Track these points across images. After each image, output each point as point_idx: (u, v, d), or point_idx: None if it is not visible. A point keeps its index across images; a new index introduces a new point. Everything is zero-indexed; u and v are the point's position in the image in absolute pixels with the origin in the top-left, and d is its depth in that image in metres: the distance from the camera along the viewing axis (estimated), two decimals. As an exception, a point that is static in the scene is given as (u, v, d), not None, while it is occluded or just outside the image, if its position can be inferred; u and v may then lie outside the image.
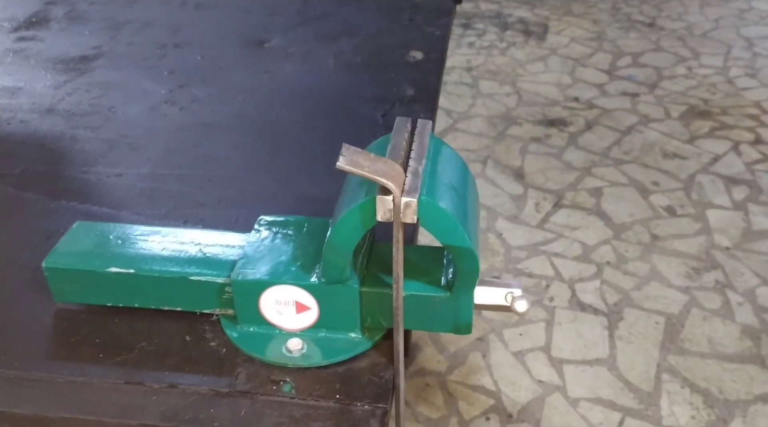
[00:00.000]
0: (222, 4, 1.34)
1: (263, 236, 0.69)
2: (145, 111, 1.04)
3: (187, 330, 0.69)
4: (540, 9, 3.47)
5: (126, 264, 0.68)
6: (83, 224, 0.73)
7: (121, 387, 0.64)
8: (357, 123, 1.01)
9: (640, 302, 1.78)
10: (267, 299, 0.66)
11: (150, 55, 1.18)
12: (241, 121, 1.02)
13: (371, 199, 0.58)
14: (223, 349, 0.67)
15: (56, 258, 0.69)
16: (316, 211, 0.83)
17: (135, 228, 0.73)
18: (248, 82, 1.11)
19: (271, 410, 0.62)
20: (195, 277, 0.67)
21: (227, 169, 0.92)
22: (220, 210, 0.85)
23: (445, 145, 0.67)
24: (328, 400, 0.62)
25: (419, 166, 0.60)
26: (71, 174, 0.91)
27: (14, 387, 0.64)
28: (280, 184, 0.89)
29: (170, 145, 0.97)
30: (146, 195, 0.88)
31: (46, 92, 1.09)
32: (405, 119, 0.66)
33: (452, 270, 0.67)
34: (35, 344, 0.68)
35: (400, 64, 1.15)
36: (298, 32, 1.25)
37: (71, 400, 0.63)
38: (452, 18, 1.30)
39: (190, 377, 0.64)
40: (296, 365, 0.65)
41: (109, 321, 0.70)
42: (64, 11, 1.33)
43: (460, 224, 0.59)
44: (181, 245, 0.70)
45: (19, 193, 0.88)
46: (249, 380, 0.64)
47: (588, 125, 2.50)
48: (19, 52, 1.20)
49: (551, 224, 2.02)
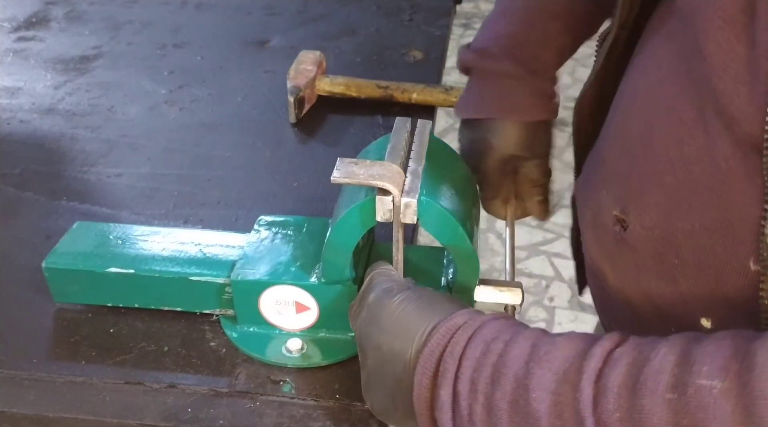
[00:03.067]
0: (222, 4, 1.34)
1: (263, 236, 0.69)
2: (145, 111, 1.04)
3: (187, 330, 0.69)
4: (540, 9, 3.47)
5: (126, 264, 0.68)
6: (83, 224, 0.73)
7: (121, 387, 0.64)
8: (357, 123, 1.01)
9: (640, 302, 1.78)
10: (267, 299, 0.66)
11: (150, 55, 1.18)
12: (241, 121, 1.02)
13: (371, 200, 0.58)
14: (223, 349, 0.67)
15: (56, 258, 0.69)
16: (316, 211, 0.83)
17: (135, 228, 0.73)
18: (248, 82, 1.11)
19: (270, 410, 0.62)
20: (195, 277, 0.67)
21: (227, 169, 0.92)
22: (220, 210, 0.85)
23: (446, 145, 0.67)
24: (328, 400, 0.62)
25: (419, 167, 0.60)
26: (71, 174, 0.91)
27: (14, 387, 0.64)
28: (280, 185, 0.89)
29: (170, 145, 0.97)
30: (146, 195, 0.88)
31: (46, 92, 1.09)
32: (405, 119, 0.66)
33: (452, 270, 0.67)
34: (35, 344, 0.68)
35: (400, 64, 1.15)
36: (298, 32, 1.25)
37: (71, 400, 0.63)
38: (452, 18, 1.30)
39: (190, 377, 0.64)
40: (296, 365, 0.65)
41: (108, 321, 0.70)
42: (64, 11, 1.33)
43: (460, 225, 0.59)
44: (181, 245, 0.70)
45: (19, 193, 0.88)
46: (249, 380, 0.64)
47: (588, 125, 2.50)
48: (19, 52, 1.20)
49: (551, 224, 2.02)
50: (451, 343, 0.49)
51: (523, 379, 0.45)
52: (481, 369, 0.47)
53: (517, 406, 0.45)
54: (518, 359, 0.46)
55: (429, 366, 0.49)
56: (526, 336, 0.48)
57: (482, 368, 0.47)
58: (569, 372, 0.44)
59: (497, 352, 0.47)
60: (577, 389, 0.43)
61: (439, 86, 1.03)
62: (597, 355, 0.44)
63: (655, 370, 0.41)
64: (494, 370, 0.46)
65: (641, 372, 0.41)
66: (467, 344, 0.48)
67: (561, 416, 0.43)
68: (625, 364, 0.42)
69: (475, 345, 0.48)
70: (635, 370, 0.42)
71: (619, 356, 0.43)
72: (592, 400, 0.42)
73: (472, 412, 0.47)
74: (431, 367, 0.49)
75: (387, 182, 0.56)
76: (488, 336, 0.48)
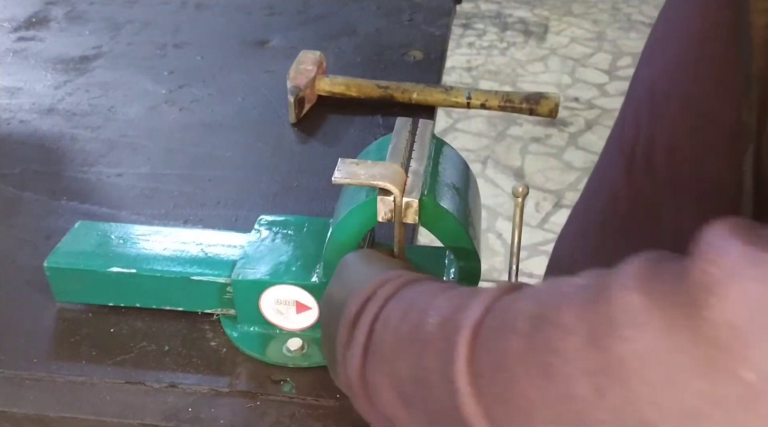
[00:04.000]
0: (222, 4, 1.34)
1: (263, 236, 0.69)
2: (145, 111, 1.04)
3: (188, 330, 0.69)
4: (540, 9, 3.47)
5: (128, 264, 0.68)
6: (85, 224, 0.73)
7: (122, 387, 0.64)
8: (357, 123, 1.01)
9: (640, 302, 1.79)
10: (267, 298, 0.66)
11: (150, 55, 1.18)
12: (241, 121, 1.02)
13: (372, 200, 0.58)
14: (223, 349, 0.67)
15: (58, 258, 0.69)
16: (316, 211, 0.83)
17: (136, 228, 0.73)
18: (248, 82, 1.11)
19: (271, 409, 0.62)
20: (197, 277, 0.67)
21: (227, 169, 0.92)
22: (220, 210, 0.85)
23: (447, 146, 0.67)
24: (329, 399, 0.62)
25: (420, 167, 0.60)
26: (71, 174, 0.91)
27: (14, 387, 0.64)
28: (280, 185, 0.89)
29: (170, 145, 0.97)
30: (146, 195, 0.88)
31: (46, 92, 1.09)
32: (406, 120, 0.66)
33: (454, 270, 0.67)
34: (35, 344, 0.68)
35: (400, 64, 1.15)
36: (298, 32, 1.25)
37: (71, 400, 0.63)
38: (452, 18, 1.30)
39: (191, 376, 0.64)
40: (296, 365, 0.65)
41: (109, 321, 0.70)
42: (64, 11, 1.33)
43: (462, 225, 0.59)
44: (183, 245, 0.70)
45: (19, 193, 0.88)
46: (249, 380, 0.64)
47: (588, 125, 2.51)
48: (19, 52, 1.20)
49: (551, 224, 2.02)
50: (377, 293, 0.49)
51: (426, 309, 0.45)
52: (393, 313, 0.47)
53: (417, 331, 0.44)
54: (427, 295, 0.46)
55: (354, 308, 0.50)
56: (442, 284, 0.48)
57: (398, 304, 0.47)
58: (459, 309, 0.43)
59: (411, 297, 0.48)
60: (457, 330, 0.41)
61: (439, 86, 1.03)
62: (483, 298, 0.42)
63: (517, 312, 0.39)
64: (406, 307, 0.47)
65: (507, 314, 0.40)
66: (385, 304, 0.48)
67: (446, 337, 0.42)
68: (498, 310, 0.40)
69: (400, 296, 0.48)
70: (502, 314, 0.40)
71: (502, 305, 0.41)
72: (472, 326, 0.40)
73: (382, 346, 0.47)
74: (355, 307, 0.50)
75: (388, 182, 0.56)
76: (420, 289, 0.48)
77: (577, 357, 0.34)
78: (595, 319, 0.34)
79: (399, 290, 0.49)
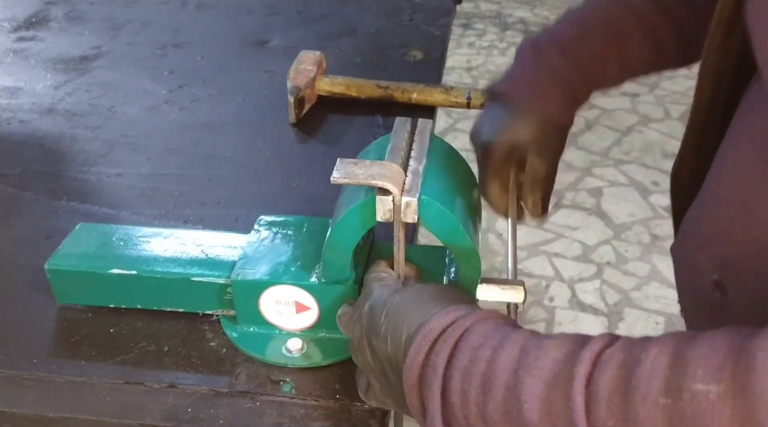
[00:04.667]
0: (222, 4, 1.34)
1: (263, 236, 0.69)
2: (145, 111, 1.04)
3: (187, 330, 0.69)
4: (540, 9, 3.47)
5: (128, 266, 0.68)
6: (85, 226, 0.73)
7: (121, 387, 0.64)
8: (357, 123, 1.01)
9: (640, 302, 1.78)
10: (267, 299, 0.66)
11: (150, 55, 1.18)
12: (241, 121, 1.02)
13: (371, 200, 0.58)
14: (223, 349, 0.67)
15: (59, 260, 0.69)
16: (316, 211, 0.83)
17: (137, 229, 0.73)
18: (248, 82, 1.11)
19: (271, 410, 0.62)
20: (197, 278, 0.67)
21: (227, 169, 0.92)
22: (220, 210, 0.85)
23: (447, 145, 0.67)
24: (328, 400, 0.62)
25: (419, 166, 0.60)
26: (71, 174, 0.91)
27: (14, 387, 0.64)
28: (280, 185, 0.89)
29: (170, 145, 0.97)
30: (146, 195, 0.88)
31: (46, 92, 1.09)
32: (405, 119, 0.66)
33: (454, 270, 0.67)
34: (35, 344, 0.68)
35: (400, 64, 1.15)
36: (297, 32, 1.25)
37: (71, 400, 0.63)
38: (452, 18, 1.30)
39: (190, 376, 0.64)
40: (296, 365, 0.65)
41: (109, 321, 0.70)
42: (64, 11, 1.33)
43: (461, 223, 0.59)
44: (183, 246, 0.70)
45: (19, 193, 0.88)
46: (249, 380, 0.64)
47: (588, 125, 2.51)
48: (19, 52, 1.20)
49: (551, 224, 2.02)
50: (434, 351, 0.48)
51: (514, 388, 0.44)
52: (471, 379, 0.46)
53: (510, 416, 0.44)
54: (507, 367, 0.45)
55: (412, 376, 0.49)
56: (514, 340, 0.46)
57: (471, 378, 0.46)
58: (559, 379, 0.43)
59: (485, 359, 0.46)
60: (568, 398, 0.42)
61: (439, 86, 1.03)
62: (586, 359, 0.42)
63: (646, 373, 0.40)
64: (484, 379, 0.45)
65: (632, 375, 0.40)
66: (453, 353, 0.47)
67: (555, 425, 0.42)
68: (615, 366, 0.41)
69: (462, 354, 0.47)
70: (626, 373, 0.40)
71: (608, 358, 0.42)
72: (584, 408, 0.41)
73: (468, 423, 0.46)
74: (414, 377, 0.49)
75: (387, 182, 0.56)
76: (475, 342, 0.47)
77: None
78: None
79: (458, 350, 0.47)
